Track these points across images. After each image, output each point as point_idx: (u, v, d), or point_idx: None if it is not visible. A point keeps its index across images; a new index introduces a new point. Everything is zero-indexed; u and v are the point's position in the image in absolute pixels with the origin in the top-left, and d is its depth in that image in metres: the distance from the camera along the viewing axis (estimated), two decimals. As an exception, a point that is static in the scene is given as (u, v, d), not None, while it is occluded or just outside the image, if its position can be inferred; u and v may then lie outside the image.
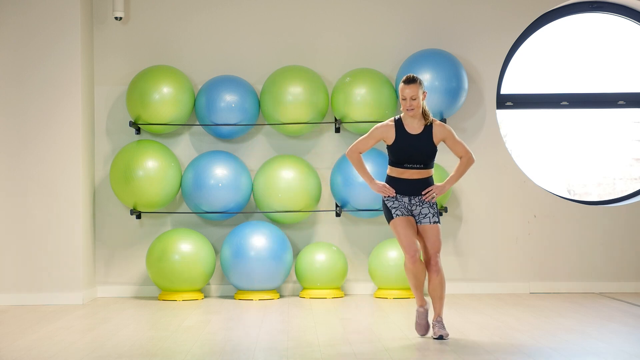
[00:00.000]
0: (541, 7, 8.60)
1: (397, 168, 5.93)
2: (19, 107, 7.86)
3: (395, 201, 5.93)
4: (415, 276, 5.91)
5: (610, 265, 8.56)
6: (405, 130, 5.89)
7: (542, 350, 5.53)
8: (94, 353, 5.50)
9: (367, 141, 5.98)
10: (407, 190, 5.92)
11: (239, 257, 7.91)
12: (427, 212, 5.92)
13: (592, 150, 9.23)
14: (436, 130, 5.91)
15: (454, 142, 5.98)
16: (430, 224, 5.91)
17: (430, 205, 5.93)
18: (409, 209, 5.93)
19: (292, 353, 5.47)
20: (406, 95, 5.84)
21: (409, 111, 5.85)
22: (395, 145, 5.89)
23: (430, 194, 5.91)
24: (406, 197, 5.92)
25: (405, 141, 5.88)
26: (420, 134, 5.89)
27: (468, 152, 6.03)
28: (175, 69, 8.20)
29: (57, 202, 7.87)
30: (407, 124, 5.91)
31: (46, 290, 7.85)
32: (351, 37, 8.51)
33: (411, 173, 5.91)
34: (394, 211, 5.91)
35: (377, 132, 5.95)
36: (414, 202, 5.93)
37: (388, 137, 5.91)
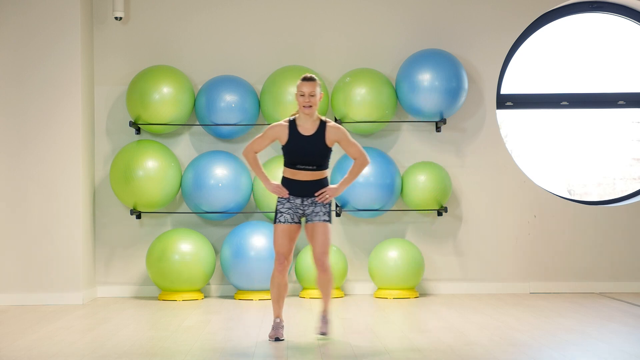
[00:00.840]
0: (541, 7, 8.60)
1: (290, 169, 5.91)
2: (19, 107, 7.87)
3: (287, 203, 5.90)
4: (277, 287, 5.92)
5: (610, 265, 8.56)
6: (298, 131, 5.87)
7: (542, 350, 5.53)
8: (94, 353, 5.50)
9: (262, 141, 5.95)
10: (300, 192, 5.90)
11: (239, 257, 7.92)
12: (319, 210, 5.90)
13: (592, 150, 9.23)
14: (329, 132, 5.88)
15: (348, 144, 5.94)
16: (320, 221, 5.88)
17: (323, 205, 5.91)
18: (300, 210, 5.91)
19: (292, 353, 5.48)
20: (305, 91, 5.82)
21: (305, 108, 5.82)
22: (288, 146, 5.88)
23: (323, 195, 5.89)
24: (299, 198, 5.90)
25: (298, 142, 5.86)
26: (313, 135, 5.86)
27: (363, 154, 5.98)
28: (175, 69, 8.20)
29: (57, 202, 7.87)
30: (301, 125, 5.88)
31: (46, 290, 7.85)
32: (351, 37, 8.51)
33: (304, 174, 5.89)
34: (279, 216, 5.90)
35: (271, 132, 5.92)
36: (307, 203, 5.91)
37: (281, 138, 5.89)
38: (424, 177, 8.11)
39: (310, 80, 5.84)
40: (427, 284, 8.45)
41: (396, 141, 8.50)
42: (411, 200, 8.19)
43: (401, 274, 7.98)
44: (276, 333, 5.90)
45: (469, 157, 8.51)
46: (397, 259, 7.99)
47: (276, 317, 5.97)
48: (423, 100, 8.11)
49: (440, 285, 8.46)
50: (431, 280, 8.46)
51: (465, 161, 8.51)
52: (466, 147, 8.51)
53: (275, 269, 5.90)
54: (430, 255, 8.45)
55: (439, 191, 8.11)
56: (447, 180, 8.17)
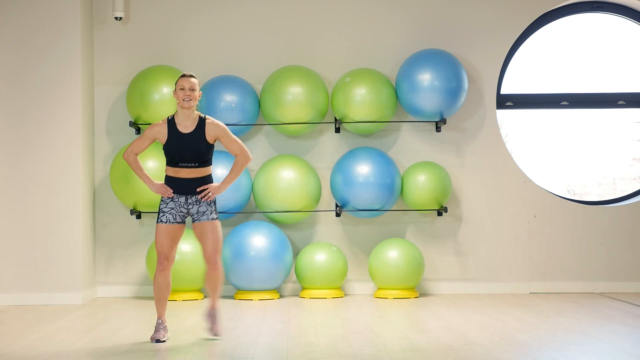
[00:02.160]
0: (541, 7, 8.60)
1: (173, 167, 5.89)
2: (19, 107, 7.86)
3: (170, 202, 5.88)
4: (159, 287, 5.89)
5: (610, 265, 8.56)
6: (177, 130, 5.86)
7: (542, 350, 5.53)
8: (94, 353, 5.50)
9: (142, 142, 5.94)
10: (183, 190, 5.88)
11: (239, 257, 7.92)
12: (204, 209, 5.89)
13: (592, 150, 9.23)
14: (209, 128, 5.88)
15: (229, 140, 5.95)
16: (208, 220, 5.88)
17: (207, 203, 5.90)
18: (185, 209, 5.90)
19: (292, 353, 5.47)
20: (185, 85, 5.84)
21: (185, 102, 5.82)
22: (168, 144, 5.86)
23: (206, 192, 5.88)
24: (183, 196, 5.89)
25: (177, 140, 5.85)
26: (192, 133, 5.86)
27: (244, 151, 5.98)
28: (175, 69, 8.20)
29: (57, 202, 7.87)
30: (180, 123, 5.88)
31: (46, 290, 7.85)
32: (351, 37, 8.51)
33: (186, 172, 5.87)
34: (162, 216, 5.88)
35: (151, 132, 5.91)
36: (191, 202, 5.89)
37: (161, 137, 5.88)
38: (424, 177, 8.11)
39: (190, 77, 5.88)
40: (427, 284, 8.45)
41: (396, 141, 8.50)
42: (411, 200, 8.19)
43: (401, 274, 7.98)
44: (157, 335, 5.85)
45: (469, 157, 8.51)
46: (397, 259, 7.99)
47: (159, 318, 5.92)
48: (423, 100, 8.11)
49: (440, 285, 8.46)
50: (431, 280, 8.46)
51: (465, 161, 8.51)
52: (466, 147, 8.51)
53: (157, 269, 5.88)
54: (430, 255, 8.45)
55: (439, 191, 8.11)
56: (447, 180, 8.17)
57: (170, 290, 5.95)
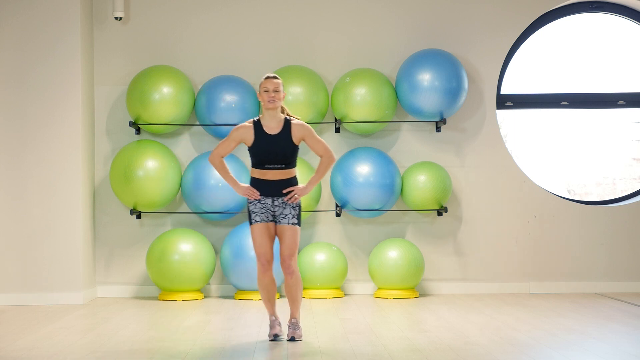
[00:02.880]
0: (541, 7, 8.60)
1: (259, 169, 5.90)
2: (19, 107, 7.86)
3: (258, 204, 5.89)
4: (265, 288, 5.93)
5: (610, 265, 8.56)
6: (264, 131, 5.87)
7: (542, 350, 5.53)
8: (94, 353, 5.50)
9: (228, 144, 5.94)
10: (270, 192, 5.89)
11: (239, 257, 7.91)
12: (287, 212, 5.89)
13: (592, 150, 9.23)
14: (294, 129, 5.89)
15: (314, 141, 5.94)
16: (288, 224, 5.88)
17: (292, 206, 5.90)
18: (272, 210, 5.90)
19: (292, 353, 5.47)
20: (269, 87, 5.85)
21: (269, 103, 5.83)
22: (255, 146, 5.87)
23: (292, 194, 5.88)
24: (269, 198, 5.89)
25: (264, 142, 5.85)
26: (279, 134, 5.87)
27: (328, 151, 5.98)
28: (175, 69, 8.20)
29: (57, 202, 7.87)
30: (266, 124, 5.89)
31: (46, 290, 7.85)
32: (351, 37, 8.51)
33: (273, 174, 5.88)
34: (254, 216, 5.90)
35: (237, 134, 5.91)
36: (277, 204, 5.90)
37: (247, 139, 5.88)
38: (424, 177, 8.11)
39: (274, 78, 5.88)
40: (427, 284, 8.45)
41: (396, 141, 8.50)
42: (411, 200, 8.19)
43: (401, 274, 7.98)
44: (274, 330, 5.91)
45: (469, 157, 8.51)
46: (397, 259, 7.99)
47: (271, 315, 5.97)
48: (423, 100, 8.11)
49: (440, 285, 8.46)
50: (431, 280, 8.46)
51: (465, 161, 8.51)
52: (466, 147, 8.51)
53: (259, 270, 5.89)
54: (430, 255, 8.45)
55: (439, 191, 8.11)
56: (447, 180, 8.17)
57: (276, 289, 5.98)
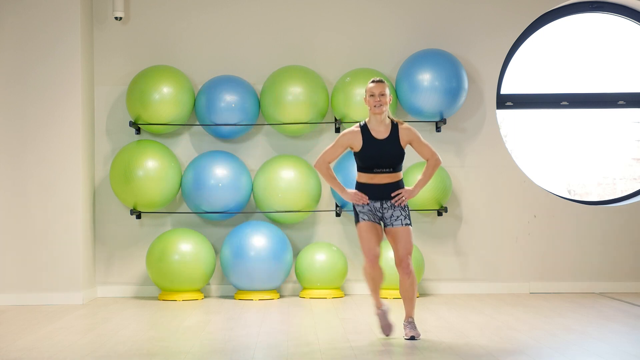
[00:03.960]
0: (541, 7, 8.60)
1: (367, 174, 5.90)
2: (19, 107, 7.86)
3: (366, 206, 5.91)
4: (373, 279, 5.95)
5: (610, 265, 8.56)
6: (372, 136, 5.88)
7: (542, 350, 5.53)
8: (94, 353, 5.50)
9: (335, 150, 5.95)
10: (378, 195, 5.89)
11: (239, 257, 7.91)
12: (398, 214, 5.90)
13: (592, 150, 9.23)
14: (402, 133, 5.90)
15: (420, 145, 5.97)
16: (402, 226, 5.89)
17: (402, 208, 5.91)
18: (380, 213, 5.91)
19: (292, 353, 5.48)
20: (375, 91, 5.85)
21: (376, 107, 5.84)
22: (363, 151, 5.87)
23: (400, 197, 5.89)
24: (378, 202, 5.90)
25: (373, 147, 5.86)
26: (386, 139, 5.88)
27: (435, 155, 6.00)
28: (175, 69, 8.20)
29: (57, 202, 7.87)
30: (373, 129, 5.90)
31: (46, 290, 7.85)
32: (351, 37, 8.51)
33: (381, 177, 5.88)
34: (362, 215, 5.91)
35: (344, 140, 5.92)
36: (386, 207, 5.91)
37: (355, 144, 5.89)
38: (424, 177, 8.10)
39: (380, 82, 5.87)
40: (427, 284, 8.45)
41: (396, 141, 8.48)
42: (411, 200, 8.18)
43: (401, 274, 7.97)
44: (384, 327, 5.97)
45: (469, 157, 8.51)
46: (397, 259, 7.97)
47: (378, 308, 6.01)
48: (423, 100, 8.11)
49: (440, 285, 8.46)
50: (431, 280, 8.46)
51: (465, 161, 8.51)
52: (466, 147, 8.51)
53: (367, 264, 5.91)
54: (430, 255, 8.44)
55: (439, 191, 8.11)
56: (447, 180, 8.17)
57: (383, 279, 6.00)
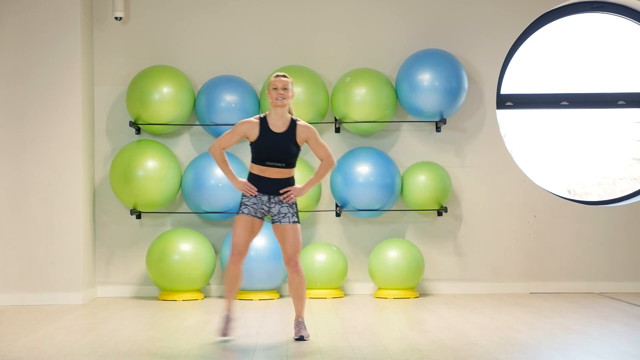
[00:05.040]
0: (541, 7, 8.60)
1: (259, 166, 5.90)
2: (19, 107, 7.86)
3: (253, 198, 5.89)
4: (231, 280, 5.90)
5: (610, 265, 8.56)
6: (270, 129, 5.88)
7: (542, 350, 5.53)
8: (94, 353, 5.50)
9: (232, 137, 5.94)
10: (268, 189, 5.89)
11: (239, 257, 7.90)
12: (286, 211, 5.89)
13: (592, 150, 9.23)
14: (299, 130, 5.90)
15: (317, 145, 5.95)
16: (289, 223, 5.88)
17: (289, 205, 5.90)
18: (266, 207, 5.90)
19: (292, 353, 5.48)
20: (278, 84, 5.85)
21: (278, 100, 5.84)
22: (258, 142, 5.87)
23: (289, 194, 5.89)
24: (266, 195, 5.90)
25: (268, 139, 5.86)
26: (284, 133, 5.88)
27: (330, 156, 5.98)
28: (175, 69, 8.20)
29: (57, 202, 7.87)
30: (272, 123, 5.90)
31: (46, 290, 7.85)
32: (351, 37, 8.51)
33: (272, 172, 5.88)
34: (243, 208, 5.90)
35: (242, 128, 5.92)
36: (274, 201, 5.90)
37: (252, 134, 5.88)
38: (424, 177, 8.11)
39: (284, 76, 5.89)
40: (427, 284, 8.45)
41: (396, 141, 8.50)
42: (411, 200, 8.19)
43: (401, 274, 7.98)
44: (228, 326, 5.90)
45: (469, 157, 8.51)
46: (397, 259, 7.99)
47: (227, 310, 5.94)
48: (423, 100, 8.11)
49: (440, 285, 8.46)
50: (431, 280, 8.46)
51: (465, 161, 8.51)
52: (466, 147, 8.51)
53: (230, 260, 5.88)
54: (430, 255, 8.45)
55: (439, 191, 8.11)
56: (447, 180, 8.17)
57: (241, 283, 5.95)
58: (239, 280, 5.94)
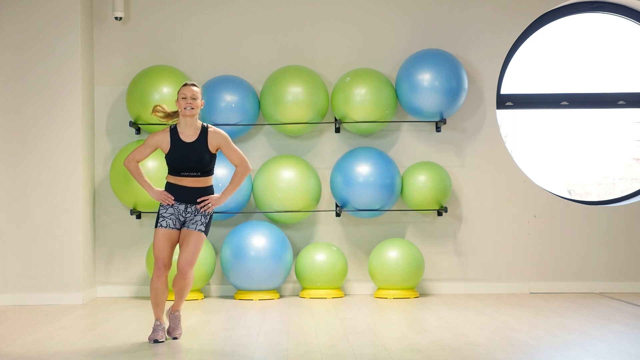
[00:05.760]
0: (541, 7, 8.60)
1: (175, 176, 5.87)
2: (19, 107, 7.87)
3: (170, 208, 5.86)
4: (156, 293, 5.86)
5: (610, 265, 8.56)
6: (180, 139, 5.84)
7: (542, 350, 5.53)
8: (94, 353, 5.50)
9: (144, 150, 5.91)
10: (184, 198, 5.86)
11: (239, 257, 7.92)
12: (197, 220, 5.86)
13: (592, 150, 9.23)
14: (211, 137, 5.86)
15: (230, 150, 5.92)
16: (194, 229, 5.84)
17: (204, 215, 5.87)
18: (182, 217, 5.87)
19: (292, 353, 5.48)
20: (187, 94, 5.82)
21: (186, 110, 5.80)
22: (171, 154, 5.84)
23: (206, 203, 5.86)
24: (183, 204, 5.87)
25: (180, 150, 5.82)
26: (194, 142, 5.84)
27: (244, 162, 5.96)
28: (175, 69, 8.20)
29: (57, 202, 7.87)
30: (182, 132, 5.86)
31: (46, 290, 7.85)
32: (351, 37, 8.51)
33: (189, 181, 5.85)
34: (161, 220, 5.86)
35: (152, 141, 5.88)
36: (190, 210, 5.87)
37: (163, 146, 5.86)
38: (424, 177, 8.11)
39: (193, 85, 5.86)
40: (427, 284, 8.45)
41: (396, 141, 8.50)
42: (411, 200, 8.19)
43: (401, 274, 7.98)
44: (155, 335, 5.84)
45: (469, 157, 8.51)
46: (397, 259, 7.99)
47: (157, 320, 5.90)
48: (423, 100, 8.11)
49: (440, 285, 8.46)
50: (431, 280, 8.46)
51: (465, 161, 8.51)
52: (466, 147, 8.51)
53: (154, 273, 5.85)
54: (430, 255, 8.45)
55: (439, 191, 8.11)
56: (447, 180, 8.17)
57: (167, 295, 5.93)
58: (166, 293, 5.88)
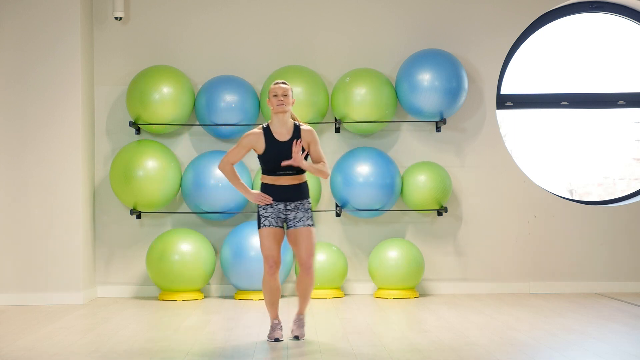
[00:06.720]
0: (541, 7, 8.60)
1: (271, 176, 5.88)
2: (19, 107, 7.86)
3: (270, 208, 5.87)
4: (271, 291, 5.89)
5: (610, 265, 8.56)
6: (275, 138, 5.85)
7: (542, 350, 5.53)
8: (94, 353, 5.50)
9: (238, 151, 5.91)
10: (282, 197, 5.87)
11: (239, 257, 7.92)
12: (301, 216, 5.88)
13: (593, 150, 9.23)
14: (304, 135, 5.88)
15: (316, 148, 5.93)
16: (304, 226, 5.86)
17: (305, 209, 5.89)
18: (283, 215, 5.89)
19: (292, 353, 5.48)
20: (278, 92, 5.82)
21: (279, 107, 5.81)
22: (266, 154, 5.85)
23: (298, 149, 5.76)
24: (282, 203, 5.88)
25: (275, 149, 5.83)
26: (289, 141, 5.85)
27: (326, 164, 5.96)
28: (175, 69, 8.20)
29: (57, 202, 7.87)
30: (276, 131, 5.86)
31: (46, 290, 7.85)
32: (351, 37, 8.51)
33: (285, 179, 5.86)
34: (264, 220, 5.88)
35: (247, 141, 5.88)
36: (290, 208, 5.89)
37: (258, 146, 5.86)
38: (424, 177, 8.11)
39: (284, 83, 5.87)
40: (427, 284, 8.45)
41: (396, 141, 8.50)
42: (411, 200, 8.19)
43: (401, 274, 7.98)
44: (275, 334, 5.90)
45: (469, 157, 8.51)
46: (397, 259, 7.99)
47: (274, 319, 5.96)
48: (423, 100, 8.11)
49: (440, 285, 8.46)
50: (431, 280, 8.46)
51: (465, 161, 8.51)
52: (466, 147, 8.51)
53: (266, 272, 5.86)
54: (430, 255, 8.45)
55: (439, 191, 8.11)
56: (447, 180, 8.17)
57: (280, 293, 5.95)
58: (280, 291, 5.93)
